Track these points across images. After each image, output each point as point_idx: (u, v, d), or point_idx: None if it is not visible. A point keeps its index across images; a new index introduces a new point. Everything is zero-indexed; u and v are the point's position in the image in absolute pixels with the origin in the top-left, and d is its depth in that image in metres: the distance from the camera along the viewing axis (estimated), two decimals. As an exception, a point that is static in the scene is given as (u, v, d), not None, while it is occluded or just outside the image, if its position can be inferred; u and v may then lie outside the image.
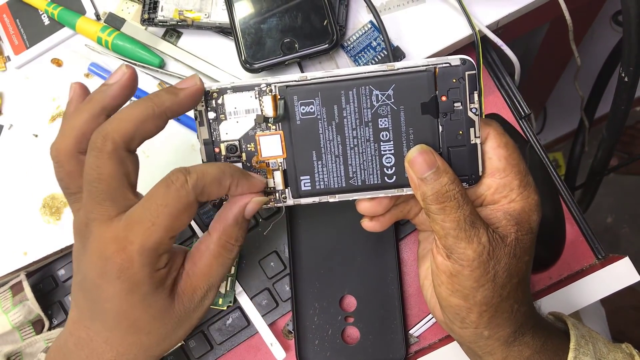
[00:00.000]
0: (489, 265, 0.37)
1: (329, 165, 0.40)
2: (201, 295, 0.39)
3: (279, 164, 0.40)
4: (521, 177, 0.38)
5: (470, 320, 0.38)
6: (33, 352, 0.53)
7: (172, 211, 0.35)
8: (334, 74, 0.38)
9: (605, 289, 0.49)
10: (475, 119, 0.38)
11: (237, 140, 0.40)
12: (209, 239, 0.39)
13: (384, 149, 0.39)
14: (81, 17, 0.54)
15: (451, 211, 0.36)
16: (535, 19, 0.56)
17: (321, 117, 0.39)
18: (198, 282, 0.39)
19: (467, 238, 0.36)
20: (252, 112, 0.39)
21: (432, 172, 0.37)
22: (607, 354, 0.40)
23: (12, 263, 0.53)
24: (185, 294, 0.39)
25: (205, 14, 0.51)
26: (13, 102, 0.56)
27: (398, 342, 0.50)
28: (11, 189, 0.55)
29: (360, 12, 0.52)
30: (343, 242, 0.52)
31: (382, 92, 0.38)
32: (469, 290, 0.37)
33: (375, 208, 0.41)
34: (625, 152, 1.49)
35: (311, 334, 0.51)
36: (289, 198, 0.41)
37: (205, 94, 0.39)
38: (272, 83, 0.39)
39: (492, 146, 0.38)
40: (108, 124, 0.36)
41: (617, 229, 1.60)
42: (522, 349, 0.39)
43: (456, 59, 0.37)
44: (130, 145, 0.36)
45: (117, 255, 0.35)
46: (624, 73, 0.51)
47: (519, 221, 0.38)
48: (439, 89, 0.38)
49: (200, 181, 0.35)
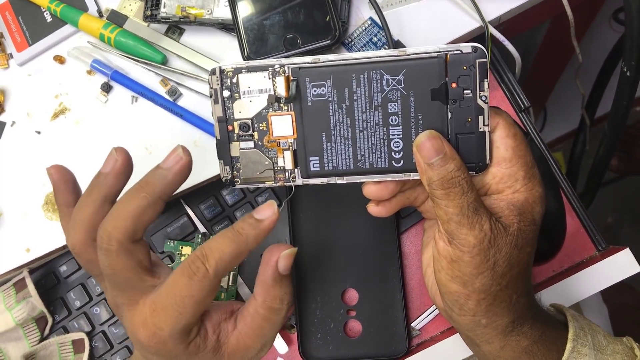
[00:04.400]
0: (489, 253, 0.37)
1: (337, 147, 0.40)
2: (255, 352, 0.41)
3: (290, 144, 0.41)
4: (527, 169, 0.38)
5: (469, 307, 0.39)
6: (47, 355, 0.53)
7: (197, 300, 0.36)
8: (346, 57, 0.38)
9: (606, 280, 0.49)
10: (485, 106, 0.38)
11: (249, 119, 0.41)
12: (256, 303, 0.40)
13: (393, 133, 0.39)
14: (83, 14, 0.54)
15: (455, 197, 0.37)
16: (536, 15, 0.57)
17: (332, 100, 0.39)
18: (251, 342, 0.41)
19: (469, 224, 0.37)
20: (265, 92, 0.40)
21: (440, 158, 0.37)
22: (607, 346, 0.40)
23: (15, 260, 0.53)
24: (237, 353, 0.40)
25: (207, 10, 0.52)
26: (16, 99, 0.56)
27: (400, 335, 0.51)
28: (14, 186, 0.55)
29: (360, 9, 0.52)
30: (345, 236, 0.52)
31: (392, 77, 0.38)
32: (468, 277, 0.38)
33: (382, 192, 0.41)
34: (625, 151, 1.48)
35: (313, 328, 0.51)
36: (298, 178, 0.41)
37: (221, 72, 0.40)
38: (286, 64, 0.39)
39: (500, 135, 0.39)
40: (109, 222, 0.37)
41: (617, 229, 1.60)
42: (520, 339, 0.39)
43: (467, 46, 0.37)
44: (134, 237, 0.37)
45: (149, 339, 0.37)
46: (626, 67, 0.52)
47: (521, 212, 0.38)
48: (450, 75, 0.38)
49: (220, 265, 0.37)
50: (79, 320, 0.55)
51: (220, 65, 0.40)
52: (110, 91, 0.55)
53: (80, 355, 0.54)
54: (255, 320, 0.40)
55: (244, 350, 0.41)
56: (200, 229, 0.54)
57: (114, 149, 0.40)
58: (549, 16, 0.80)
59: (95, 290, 0.55)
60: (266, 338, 0.41)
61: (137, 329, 0.38)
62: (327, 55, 0.39)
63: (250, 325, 0.41)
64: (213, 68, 0.40)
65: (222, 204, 0.55)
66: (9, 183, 0.55)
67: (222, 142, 0.41)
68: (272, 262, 0.39)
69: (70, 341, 0.54)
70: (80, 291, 0.55)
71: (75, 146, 0.54)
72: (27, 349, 0.53)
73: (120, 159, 0.39)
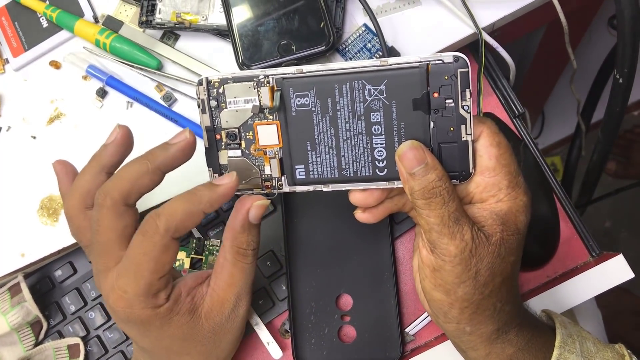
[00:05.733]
0: (470, 262, 0.37)
1: (322, 156, 0.40)
2: (231, 306, 0.43)
3: (276, 153, 0.41)
4: (510, 178, 0.38)
5: (452, 316, 0.39)
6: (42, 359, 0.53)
7: (151, 257, 0.38)
8: (328, 67, 0.39)
9: (599, 286, 0.49)
10: (467, 116, 0.38)
11: (236, 128, 0.41)
12: (224, 249, 0.42)
13: (376, 142, 0.39)
14: (79, 20, 0.54)
15: (436, 207, 0.37)
16: (531, 22, 0.57)
17: (315, 110, 0.40)
18: (224, 294, 0.42)
19: (450, 234, 0.37)
20: (250, 102, 0.41)
21: (421, 167, 0.37)
22: (596, 353, 0.40)
23: (10, 264, 0.53)
24: (214, 309, 0.42)
25: (202, 16, 0.52)
26: (11, 104, 0.56)
27: (394, 341, 0.51)
28: (9, 191, 0.55)
29: (355, 15, 0.52)
30: (339, 241, 0.52)
31: (374, 87, 0.38)
32: (450, 286, 0.38)
33: (368, 199, 0.41)
34: (623, 156, 1.49)
35: (308, 333, 0.51)
36: (285, 185, 0.42)
37: (208, 82, 0.41)
38: (270, 75, 0.40)
39: (484, 144, 0.39)
40: (109, 182, 0.40)
41: (615, 233, 1.60)
42: (505, 346, 0.39)
43: (449, 56, 0.37)
44: (127, 200, 0.39)
45: (117, 303, 0.39)
46: (619, 75, 0.52)
47: (504, 221, 0.38)
48: (431, 85, 0.38)
49: (171, 222, 0.38)
50: (74, 325, 0.55)
51: (207, 76, 0.41)
52: (105, 96, 0.55)
53: (75, 360, 0.54)
54: (225, 267, 0.42)
55: (219, 305, 0.42)
56: (195, 234, 0.54)
57: (117, 125, 0.43)
58: (544, 22, 0.80)
59: (90, 295, 0.55)
60: (238, 288, 0.43)
61: (108, 295, 0.40)
62: (310, 65, 0.39)
63: (219, 275, 0.42)
64: (200, 79, 0.41)
65: (217, 209, 0.55)
66: (4, 188, 0.55)
67: (211, 150, 0.42)
68: (243, 210, 0.41)
69: (65, 346, 0.54)
70: (75, 296, 0.55)
71: (70, 151, 0.54)
72: (22, 354, 0.53)
73: (120, 132, 0.42)
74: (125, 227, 0.40)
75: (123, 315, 0.40)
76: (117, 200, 0.39)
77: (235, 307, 0.43)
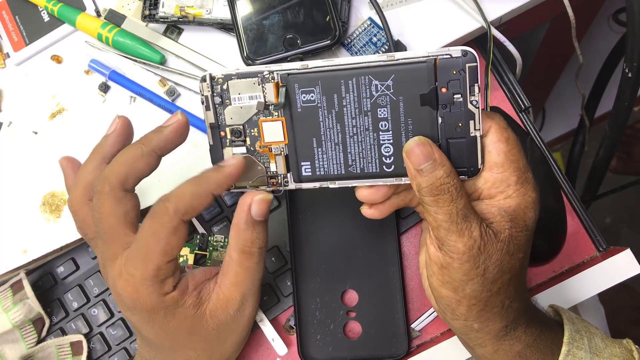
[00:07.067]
0: (479, 259, 0.37)
1: (329, 153, 0.40)
2: (236, 306, 0.42)
3: (281, 149, 0.41)
4: (519, 174, 0.38)
5: (460, 312, 0.39)
6: (45, 357, 0.53)
7: (160, 239, 0.38)
8: (334, 63, 0.38)
9: (607, 281, 0.49)
10: (475, 111, 0.37)
11: (241, 125, 0.41)
12: (229, 248, 0.42)
13: (383, 138, 0.39)
14: (81, 14, 0.54)
15: (444, 204, 0.36)
16: (537, 15, 0.57)
17: (321, 105, 0.39)
18: (229, 293, 0.42)
19: (458, 231, 0.36)
20: (255, 98, 0.40)
21: (429, 164, 0.37)
22: (604, 349, 0.40)
23: (12, 261, 0.53)
24: (219, 308, 0.42)
25: (206, 10, 0.51)
26: (12, 99, 0.56)
27: (400, 336, 0.50)
28: (11, 187, 0.54)
29: (360, 9, 0.52)
30: (344, 237, 0.52)
31: (381, 82, 0.38)
32: (458, 283, 0.37)
33: (374, 196, 0.41)
34: (624, 152, 1.48)
35: (313, 329, 0.51)
36: (291, 182, 0.41)
37: (211, 79, 0.40)
38: (275, 71, 0.39)
39: (492, 140, 0.38)
40: (106, 169, 0.40)
41: (616, 229, 1.60)
42: (513, 343, 0.39)
43: (457, 50, 0.37)
44: (125, 185, 0.40)
45: (124, 289, 0.39)
46: (628, 69, 0.51)
47: (513, 218, 0.38)
48: (439, 80, 0.37)
49: (180, 203, 0.38)
50: (77, 322, 0.54)
51: (210, 72, 0.40)
52: (108, 91, 0.54)
53: (79, 357, 0.53)
54: (230, 266, 0.42)
55: (224, 304, 0.42)
56: (199, 229, 0.54)
57: (116, 115, 0.43)
58: (550, 16, 0.80)
59: (92, 292, 0.55)
60: (243, 287, 0.42)
61: (115, 281, 0.39)
62: (316, 60, 0.39)
63: (226, 274, 0.42)
64: (203, 75, 0.40)
65: (221, 204, 0.54)
66: (6, 184, 0.54)
67: (215, 147, 0.42)
68: (245, 207, 0.41)
69: (68, 343, 0.54)
70: (77, 292, 0.55)
71: (72, 146, 0.54)
72: (24, 351, 0.53)
73: (120, 122, 0.43)
74: (127, 212, 0.40)
75: (129, 302, 0.39)
76: (115, 185, 0.39)
77: (241, 307, 0.43)
